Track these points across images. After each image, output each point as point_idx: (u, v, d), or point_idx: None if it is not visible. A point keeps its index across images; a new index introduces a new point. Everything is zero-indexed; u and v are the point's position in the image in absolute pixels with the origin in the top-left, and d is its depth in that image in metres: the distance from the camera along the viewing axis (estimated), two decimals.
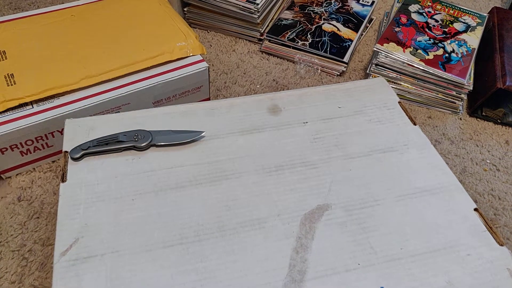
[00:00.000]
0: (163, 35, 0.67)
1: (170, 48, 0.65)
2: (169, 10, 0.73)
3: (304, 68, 0.80)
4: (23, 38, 0.64)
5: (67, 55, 0.63)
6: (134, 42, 0.65)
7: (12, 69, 0.59)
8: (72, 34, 0.66)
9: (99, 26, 0.68)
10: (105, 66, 0.61)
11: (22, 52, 0.62)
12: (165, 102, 0.65)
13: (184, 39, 0.66)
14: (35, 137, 0.56)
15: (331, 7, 0.91)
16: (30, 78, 0.58)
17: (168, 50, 0.65)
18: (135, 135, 0.50)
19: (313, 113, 0.56)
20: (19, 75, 0.59)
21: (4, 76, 0.58)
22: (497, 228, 0.59)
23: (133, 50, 0.64)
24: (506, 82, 0.71)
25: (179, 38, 0.67)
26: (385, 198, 0.47)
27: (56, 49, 0.63)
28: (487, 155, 0.69)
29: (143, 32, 0.67)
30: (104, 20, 0.69)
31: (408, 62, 0.74)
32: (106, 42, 0.65)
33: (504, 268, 0.41)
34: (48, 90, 0.58)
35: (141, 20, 0.70)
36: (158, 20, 0.70)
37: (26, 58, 0.61)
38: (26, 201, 0.56)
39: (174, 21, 0.70)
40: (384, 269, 0.41)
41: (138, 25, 0.69)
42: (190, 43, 0.66)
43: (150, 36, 0.67)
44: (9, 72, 0.59)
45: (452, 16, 0.86)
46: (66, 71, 0.60)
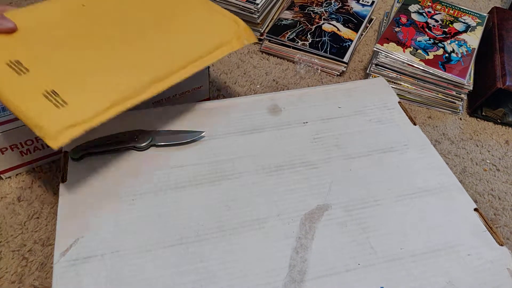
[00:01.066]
0: (212, 23, 0.56)
1: (228, 38, 0.54)
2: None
3: (304, 68, 0.80)
4: (39, 38, 0.49)
5: (111, 55, 0.49)
6: (183, 33, 0.54)
7: (48, 83, 0.44)
8: (102, 27, 0.52)
9: (131, 15, 0.54)
10: (168, 65, 0.49)
11: (47, 59, 0.47)
12: (165, 102, 0.65)
13: (236, 27, 0.56)
14: (35, 137, 0.56)
15: (331, 7, 0.91)
16: (81, 94, 0.44)
17: (226, 40, 0.54)
18: (135, 135, 0.50)
19: (313, 113, 0.56)
20: (63, 91, 0.43)
21: (44, 95, 0.42)
22: (497, 228, 0.59)
23: (187, 44, 0.52)
24: (506, 82, 0.71)
25: (231, 26, 0.56)
26: (385, 198, 0.47)
27: (91, 49, 0.49)
28: (487, 155, 0.69)
29: (187, 21, 0.55)
30: (134, 7, 0.56)
31: (408, 62, 0.74)
32: (151, 34, 0.52)
33: (504, 268, 0.41)
34: (115, 107, 0.44)
35: (179, 7, 0.57)
36: (197, 6, 0.58)
37: (59, 67, 0.46)
38: (26, 201, 0.56)
39: (215, 7, 0.59)
40: (384, 269, 0.41)
41: (179, 13, 0.56)
42: (243, 31, 0.55)
43: (197, 26, 0.55)
44: (47, 89, 0.43)
45: (452, 16, 0.86)
46: (123, 77, 0.46)
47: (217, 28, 0.55)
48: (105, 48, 0.49)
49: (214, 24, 0.56)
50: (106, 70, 0.47)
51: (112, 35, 0.51)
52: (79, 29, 0.51)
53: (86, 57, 0.48)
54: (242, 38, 0.55)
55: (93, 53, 0.48)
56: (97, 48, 0.49)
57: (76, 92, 0.44)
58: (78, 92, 0.44)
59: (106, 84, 0.45)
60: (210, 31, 0.55)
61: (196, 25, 0.55)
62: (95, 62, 0.47)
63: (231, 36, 0.54)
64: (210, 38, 0.53)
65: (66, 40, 0.49)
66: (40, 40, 0.48)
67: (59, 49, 0.48)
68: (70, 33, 0.50)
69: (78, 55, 0.48)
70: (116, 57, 0.49)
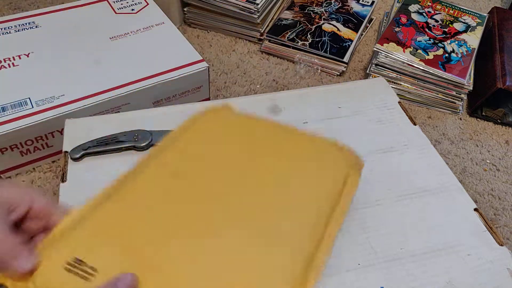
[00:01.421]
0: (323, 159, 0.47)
1: (344, 172, 0.45)
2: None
3: (304, 68, 0.80)
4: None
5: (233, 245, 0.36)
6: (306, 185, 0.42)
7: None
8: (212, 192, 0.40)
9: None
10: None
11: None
12: (165, 102, 0.65)
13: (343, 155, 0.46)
14: (35, 137, 0.56)
15: (331, 7, 0.91)
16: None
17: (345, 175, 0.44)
18: (135, 135, 0.50)
19: (313, 113, 0.56)
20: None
21: None
22: (497, 228, 0.59)
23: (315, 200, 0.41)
24: (506, 82, 0.71)
25: (340, 156, 0.46)
26: (385, 199, 0.47)
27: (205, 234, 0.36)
28: (487, 155, 0.69)
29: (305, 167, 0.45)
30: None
31: (408, 62, 0.74)
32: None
33: (504, 268, 0.41)
34: None
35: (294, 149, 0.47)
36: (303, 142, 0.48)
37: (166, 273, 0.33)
38: None
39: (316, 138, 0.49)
40: (384, 269, 0.41)
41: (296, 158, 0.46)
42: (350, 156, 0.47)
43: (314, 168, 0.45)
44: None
45: (452, 16, 0.86)
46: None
47: (329, 163, 0.46)
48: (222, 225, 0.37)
49: (326, 160, 0.46)
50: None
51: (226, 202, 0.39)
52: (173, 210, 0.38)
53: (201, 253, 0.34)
54: (354, 164, 0.46)
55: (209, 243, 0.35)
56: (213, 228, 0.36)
57: None
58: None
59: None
60: (326, 170, 0.45)
61: (313, 168, 0.45)
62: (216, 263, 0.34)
63: (345, 167, 0.45)
64: (331, 181, 0.43)
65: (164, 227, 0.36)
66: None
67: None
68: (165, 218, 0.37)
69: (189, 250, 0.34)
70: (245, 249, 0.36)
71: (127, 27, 0.70)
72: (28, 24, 0.69)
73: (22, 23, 0.69)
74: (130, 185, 0.39)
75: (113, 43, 0.67)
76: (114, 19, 0.72)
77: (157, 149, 0.44)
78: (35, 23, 0.69)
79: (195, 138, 0.45)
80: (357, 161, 0.46)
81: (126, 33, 0.69)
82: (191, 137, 0.45)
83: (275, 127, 0.49)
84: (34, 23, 0.69)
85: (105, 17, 0.72)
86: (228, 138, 0.46)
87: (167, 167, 0.41)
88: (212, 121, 0.48)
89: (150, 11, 0.75)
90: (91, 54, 0.65)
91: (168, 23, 0.72)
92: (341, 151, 0.47)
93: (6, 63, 0.62)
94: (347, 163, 0.45)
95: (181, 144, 0.44)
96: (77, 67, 0.63)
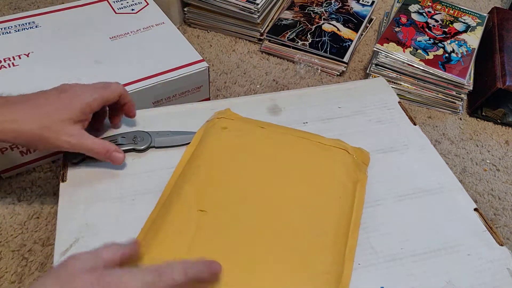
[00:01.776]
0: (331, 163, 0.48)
1: (353, 174, 0.48)
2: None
3: (304, 68, 0.80)
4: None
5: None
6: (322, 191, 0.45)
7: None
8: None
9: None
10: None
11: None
12: (165, 102, 0.65)
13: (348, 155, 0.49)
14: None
15: (331, 7, 0.91)
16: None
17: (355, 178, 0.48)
18: (134, 137, 0.50)
19: (313, 113, 0.56)
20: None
21: None
22: (497, 228, 0.59)
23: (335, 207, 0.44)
24: (506, 82, 0.71)
25: (345, 155, 0.49)
26: (386, 199, 0.47)
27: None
28: (487, 155, 0.69)
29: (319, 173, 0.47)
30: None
31: (408, 62, 0.74)
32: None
33: (504, 268, 0.41)
34: None
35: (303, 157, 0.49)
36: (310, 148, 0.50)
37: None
38: (26, 201, 0.56)
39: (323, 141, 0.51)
40: (384, 269, 0.41)
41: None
42: (355, 154, 0.50)
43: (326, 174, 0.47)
44: None
45: (452, 16, 0.86)
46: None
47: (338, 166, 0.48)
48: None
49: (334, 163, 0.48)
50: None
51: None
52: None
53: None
54: (361, 164, 0.49)
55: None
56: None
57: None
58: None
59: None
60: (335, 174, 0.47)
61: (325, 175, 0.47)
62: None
63: (352, 167, 0.48)
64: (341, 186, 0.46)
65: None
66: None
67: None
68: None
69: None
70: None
71: (127, 27, 0.70)
72: (28, 24, 0.69)
73: (22, 23, 0.69)
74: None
75: (113, 43, 0.67)
76: (114, 19, 0.72)
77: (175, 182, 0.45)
78: (35, 23, 0.69)
79: (210, 162, 0.46)
80: (364, 159, 0.49)
81: (126, 33, 0.69)
82: (206, 163, 0.46)
83: (282, 134, 0.51)
84: (34, 23, 0.69)
85: (105, 17, 0.72)
86: (241, 155, 0.48)
87: (192, 203, 0.42)
88: (221, 137, 0.49)
89: (150, 11, 0.75)
90: (91, 54, 0.65)
91: (168, 23, 0.72)
92: (349, 153, 0.49)
93: (6, 63, 0.62)
94: (356, 166, 0.48)
95: (200, 173, 0.45)
96: (77, 67, 0.63)
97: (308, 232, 0.41)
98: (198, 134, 0.51)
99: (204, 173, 0.45)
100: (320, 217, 0.43)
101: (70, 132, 0.42)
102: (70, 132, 0.42)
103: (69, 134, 0.42)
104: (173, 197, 0.43)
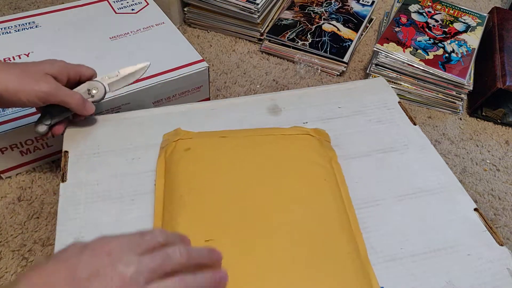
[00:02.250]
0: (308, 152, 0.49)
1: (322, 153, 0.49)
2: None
3: (304, 68, 0.80)
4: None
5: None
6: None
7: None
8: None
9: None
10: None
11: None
12: (165, 102, 0.65)
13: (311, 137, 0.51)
14: (35, 137, 0.56)
15: (331, 7, 0.91)
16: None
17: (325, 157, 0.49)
18: (88, 89, 0.50)
19: (313, 113, 0.56)
20: None
21: None
22: (497, 228, 0.59)
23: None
24: (506, 82, 0.71)
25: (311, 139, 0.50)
26: (385, 198, 0.47)
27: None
28: (487, 155, 0.69)
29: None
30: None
31: (408, 62, 0.74)
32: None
33: (504, 268, 0.41)
34: None
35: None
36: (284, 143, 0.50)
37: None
38: (26, 201, 0.56)
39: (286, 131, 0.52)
40: (384, 269, 0.41)
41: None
42: (318, 135, 0.51)
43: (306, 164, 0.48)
44: None
45: (452, 16, 0.86)
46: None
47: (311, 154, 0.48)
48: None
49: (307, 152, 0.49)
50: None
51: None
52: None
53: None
54: (325, 143, 0.50)
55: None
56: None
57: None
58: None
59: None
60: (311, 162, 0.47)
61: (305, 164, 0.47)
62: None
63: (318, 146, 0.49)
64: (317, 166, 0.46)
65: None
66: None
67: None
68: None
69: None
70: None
71: (127, 27, 0.70)
72: (28, 24, 0.69)
73: (22, 23, 0.69)
74: None
75: (113, 43, 0.67)
76: (114, 19, 0.72)
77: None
78: (35, 23, 0.69)
79: (190, 188, 0.44)
80: (325, 137, 0.51)
81: (126, 33, 0.69)
82: (186, 190, 0.44)
83: (245, 137, 0.50)
84: (34, 23, 0.69)
85: (105, 17, 0.72)
86: (218, 172, 0.46)
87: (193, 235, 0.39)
88: (188, 159, 0.47)
89: (150, 11, 0.75)
90: (91, 54, 0.65)
91: (168, 23, 0.72)
92: (312, 136, 0.50)
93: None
94: (323, 146, 0.49)
95: (186, 203, 0.43)
96: None
97: (314, 223, 0.42)
98: (159, 163, 0.47)
99: (190, 201, 0.43)
100: (317, 204, 0.43)
101: (48, 80, 0.45)
102: (48, 81, 0.45)
103: (46, 82, 0.45)
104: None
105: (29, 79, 0.44)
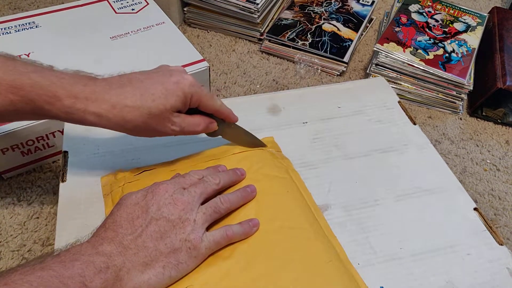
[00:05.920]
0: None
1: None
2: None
3: (304, 68, 0.80)
4: None
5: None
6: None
7: None
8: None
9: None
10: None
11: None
12: None
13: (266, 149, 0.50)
14: (36, 137, 0.56)
15: (331, 7, 0.91)
16: None
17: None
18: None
19: (313, 113, 0.56)
20: None
21: None
22: (497, 228, 0.59)
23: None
24: (506, 82, 0.71)
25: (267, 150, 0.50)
26: (385, 198, 0.47)
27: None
28: (487, 155, 0.69)
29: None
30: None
31: (408, 62, 0.74)
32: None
33: (504, 267, 0.41)
34: None
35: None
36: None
37: None
38: (26, 201, 0.56)
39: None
40: (384, 269, 0.41)
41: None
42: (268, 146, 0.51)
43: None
44: None
45: (452, 16, 0.86)
46: None
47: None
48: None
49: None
50: None
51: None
52: None
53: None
54: (276, 153, 0.50)
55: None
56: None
57: None
58: None
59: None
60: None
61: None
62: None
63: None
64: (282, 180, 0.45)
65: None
66: None
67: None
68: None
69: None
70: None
71: (127, 26, 0.70)
72: (28, 24, 0.69)
73: (22, 23, 0.69)
74: None
75: (114, 43, 0.67)
76: (114, 19, 0.72)
77: None
78: (35, 23, 0.69)
79: None
80: (274, 147, 0.51)
81: (127, 33, 0.69)
82: None
83: (194, 166, 0.46)
84: (34, 23, 0.69)
85: (105, 17, 0.72)
86: None
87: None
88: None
89: (150, 11, 0.75)
90: (91, 54, 0.65)
91: (169, 23, 0.72)
92: (263, 149, 0.49)
93: None
94: (276, 157, 0.49)
95: None
96: (77, 67, 0.62)
97: (288, 240, 0.40)
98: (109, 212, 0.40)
99: None
100: (286, 220, 0.41)
101: (174, 119, 0.42)
102: (174, 120, 0.42)
103: (173, 122, 0.42)
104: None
105: (154, 118, 0.41)
